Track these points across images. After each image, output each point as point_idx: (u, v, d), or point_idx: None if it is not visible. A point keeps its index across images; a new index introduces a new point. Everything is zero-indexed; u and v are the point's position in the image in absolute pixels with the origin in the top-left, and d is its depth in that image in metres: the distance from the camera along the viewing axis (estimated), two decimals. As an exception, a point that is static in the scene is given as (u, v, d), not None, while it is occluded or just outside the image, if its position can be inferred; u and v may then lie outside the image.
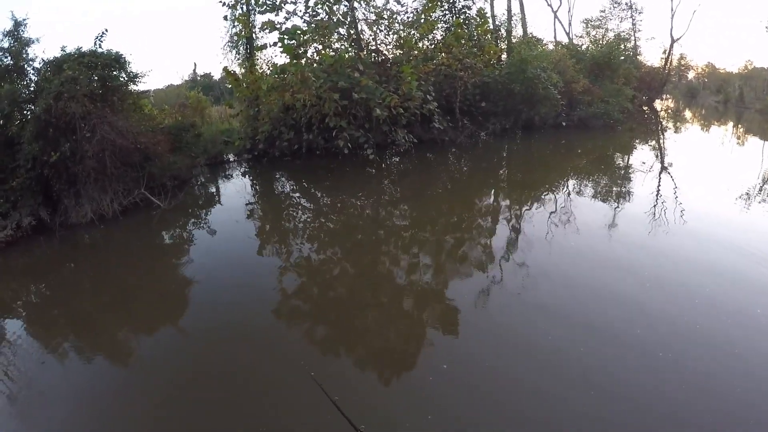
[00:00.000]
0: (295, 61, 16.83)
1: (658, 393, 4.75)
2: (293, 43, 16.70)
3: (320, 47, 18.42)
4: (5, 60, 13.35)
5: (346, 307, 7.44)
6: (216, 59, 69.09)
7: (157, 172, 13.57)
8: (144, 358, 6.17)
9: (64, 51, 13.42)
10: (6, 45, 13.34)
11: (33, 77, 13.59)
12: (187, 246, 10.88)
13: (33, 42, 13.62)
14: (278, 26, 17.57)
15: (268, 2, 17.97)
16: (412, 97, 16.98)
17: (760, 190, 13.45)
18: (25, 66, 13.49)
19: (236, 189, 16.23)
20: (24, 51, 13.43)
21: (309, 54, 18.35)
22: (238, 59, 22.56)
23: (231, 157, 19.88)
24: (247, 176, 18.17)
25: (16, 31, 13.40)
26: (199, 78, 53.17)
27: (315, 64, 17.53)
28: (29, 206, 11.75)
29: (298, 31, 17.02)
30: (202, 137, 17.32)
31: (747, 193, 12.70)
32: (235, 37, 21.22)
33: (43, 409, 5.28)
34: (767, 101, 43.31)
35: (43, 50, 20.61)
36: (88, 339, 6.92)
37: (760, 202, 12.03)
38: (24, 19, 13.58)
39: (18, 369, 6.11)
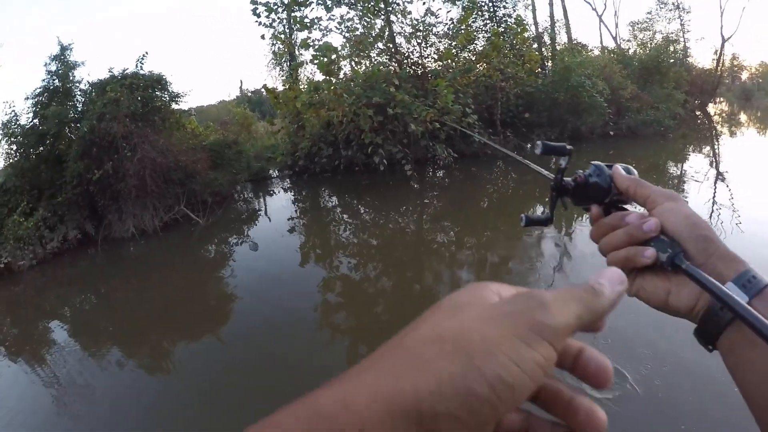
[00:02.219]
0: (328, 77, 16.90)
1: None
2: (326, 60, 16.72)
3: (353, 64, 18.33)
4: (54, 82, 13.79)
5: (391, 324, 7.25)
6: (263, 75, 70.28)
7: (198, 189, 13.79)
8: (184, 364, 6.34)
9: (111, 72, 13.82)
10: (54, 68, 13.79)
11: (80, 98, 14.02)
12: (227, 260, 11.01)
13: (78, 65, 14.18)
14: (312, 43, 17.61)
15: (306, 20, 18.00)
16: (449, 111, 16.68)
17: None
18: (72, 88, 13.91)
19: (279, 204, 16.38)
20: (71, 74, 13.87)
21: (345, 70, 18.37)
22: (282, 75, 22.73)
23: (274, 173, 20.07)
24: (289, 192, 18.29)
25: (62, 55, 13.88)
26: (250, 94, 54.05)
27: (352, 81, 17.51)
28: (75, 220, 12.34)
29: (330, 48, 16.96)
30: (244, 153, 17.54)
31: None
32: (277, 55, 21.33)
33: (91, 408, 5.53)
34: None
35: (88, 73, 21.43)
36: (132, 345, 7.15)
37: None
38: (70, 44, 14.12)
39: (68, 372, 6.42)
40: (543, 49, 29.64)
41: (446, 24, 20.33)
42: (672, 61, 32.81)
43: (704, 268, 0.69)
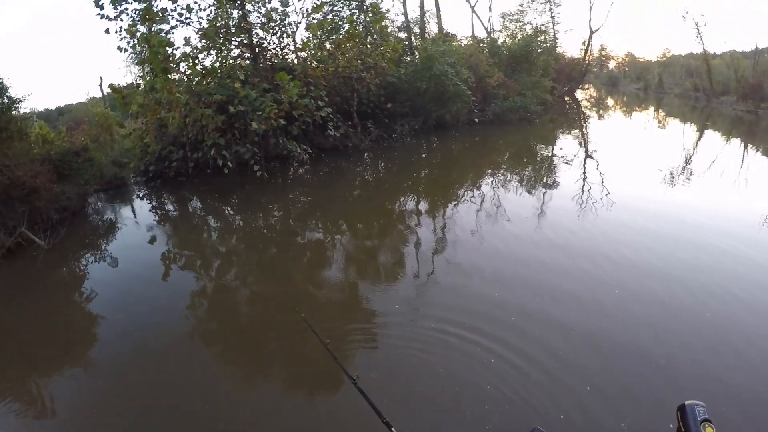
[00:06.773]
0: (164, 75, 16.37)
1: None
2: (160, 57, 16.17)
3: (200, 58, 17.85)
4: None
5: (265, 323, 7.58)
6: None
7: (42, 206, 12.75)
8: (60, 406, 6.02)
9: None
10: None
11: None
12: (84, 283, 10.24)
13: None
14: (149, 37, 16.72)
15: (155, 11, 17.17)
16: (297, 105, 16.71)
17: (683, 170, 15.29)
18: None
19: (137, 213, 15.81)
20: None
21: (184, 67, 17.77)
22: (142, 72, 21.90)
23: (131, 180, 19.25)
24: (146, 199, 17.58)
25: None
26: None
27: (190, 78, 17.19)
28: None
29: (164, 44, 16.39)
30: (95, 161, 16.72)
31: (671, 174, 14.56)
32: (124, 51, 20.18)
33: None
34: (685, 86, 46.43)
35: None
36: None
37: (684, 182, 13.94)
38: None
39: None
40: (412, 38, 30.62)
41: (299, 13, 20.50)
42: (540, 50, 34.88)
43: None
